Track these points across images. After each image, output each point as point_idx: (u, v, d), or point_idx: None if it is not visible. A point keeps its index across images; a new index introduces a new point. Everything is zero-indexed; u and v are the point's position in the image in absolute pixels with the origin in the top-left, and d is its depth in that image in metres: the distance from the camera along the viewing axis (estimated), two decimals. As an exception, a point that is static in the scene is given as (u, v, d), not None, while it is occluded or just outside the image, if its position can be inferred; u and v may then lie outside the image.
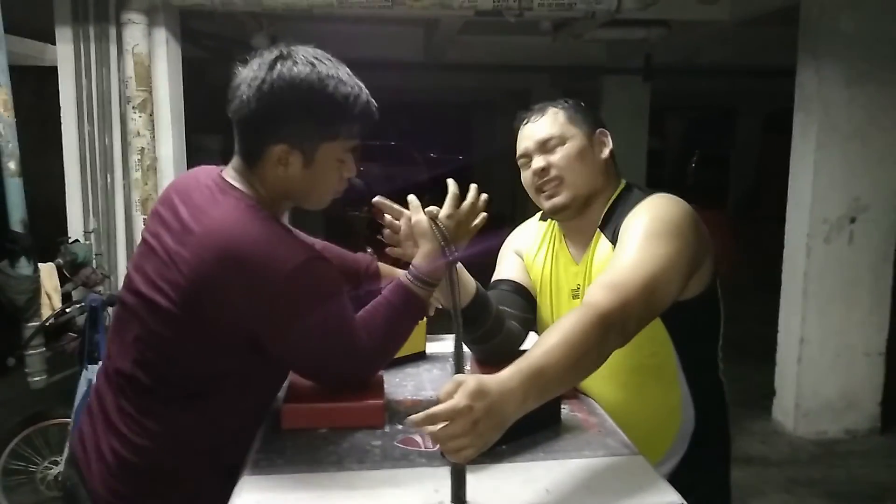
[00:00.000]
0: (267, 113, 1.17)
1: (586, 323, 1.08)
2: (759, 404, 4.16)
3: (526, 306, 1.53)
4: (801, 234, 3.87)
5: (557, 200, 1.42)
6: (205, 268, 1.10)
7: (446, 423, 0.91)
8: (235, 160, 1.24)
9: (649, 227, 1.27)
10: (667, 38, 5.16)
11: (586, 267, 1.43)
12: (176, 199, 1.21)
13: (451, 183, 1.31)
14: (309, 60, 1.18)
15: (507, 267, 1.60)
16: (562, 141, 1.42)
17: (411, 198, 1.29)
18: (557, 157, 1.41)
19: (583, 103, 1.49)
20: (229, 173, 1.24)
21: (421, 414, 0.91)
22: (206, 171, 1.25)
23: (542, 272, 1.54)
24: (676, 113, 13.19)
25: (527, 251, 1.59)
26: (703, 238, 1.32)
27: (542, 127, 1.44)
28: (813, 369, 3.90)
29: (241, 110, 1.19)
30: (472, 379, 0.93)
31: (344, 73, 1.20)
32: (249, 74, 1.19)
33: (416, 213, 1.27)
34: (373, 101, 1.24)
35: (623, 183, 1.47)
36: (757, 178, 10.90)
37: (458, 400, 0.91)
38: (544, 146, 1.42)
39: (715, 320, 1.44)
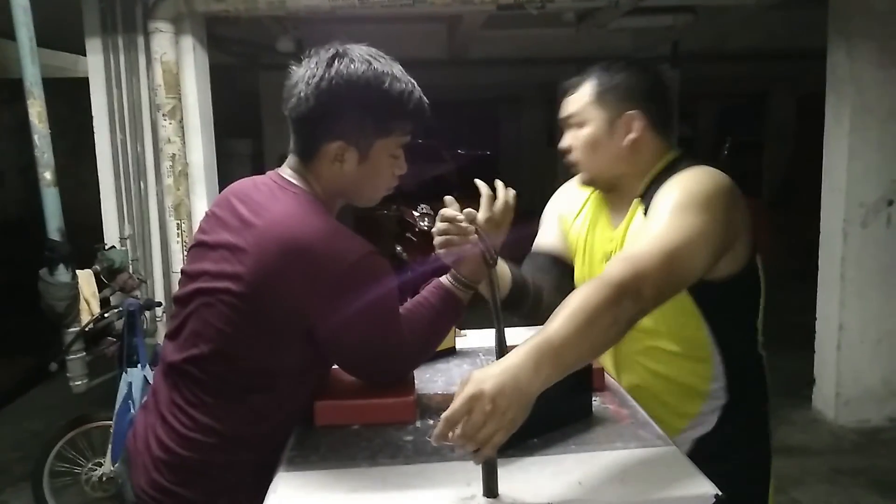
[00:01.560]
0: (325, 110, 1.20)
1: (594, 292, 1.07)
2: (798, 393, 4.08)
3: (563, 277, 1.55)
4: (837, 218, 3.79)
5: (580, 178, 1.47)
6: (268, 257, 1.13)
7: (466, 419, 0.92)
8: (291, 159, 1.28)
9: (678, 199, 1.24)
10: (693, 24, 5.08)
11: (622, 233, 1.41)
12: (233, 200, 1.24)
13: (481, 185, 1.33)
14: (365, 58, 1.21)
15: (547, 235, 1.62)
16: (579, 123, 1.41)
17: (448, 199, 1.30)
18: (575, 141, 1.42)
19: (629, 73, 1.39)
20: (286, 172, 1.27)
21: (439, 425, 0.93)
22: (263, 176, 1.30)
23: (578, 235, 1.54)
24: (707, 100, 12.98)
25: (567, 213, 1.60)
26: (741, 215, 1.29)
27: (570, 103, 1.43)
28: (853, 356, 3.82)
29: (298, 108, 1.21)
30: (475, 371, 0.95)
31: (398, 69, 1.24)
32: (307, 73, 1.20)
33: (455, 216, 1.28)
34: (425, 98, 1.27)
35: (672, 154, 1.42)
36: (792, 164, 10.68)
37: (467, 390, 0.93)
38: (568, 124, 1.44)
39: (752, 300, 1.42)
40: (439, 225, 1.28)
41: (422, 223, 1.36)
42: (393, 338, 1.22)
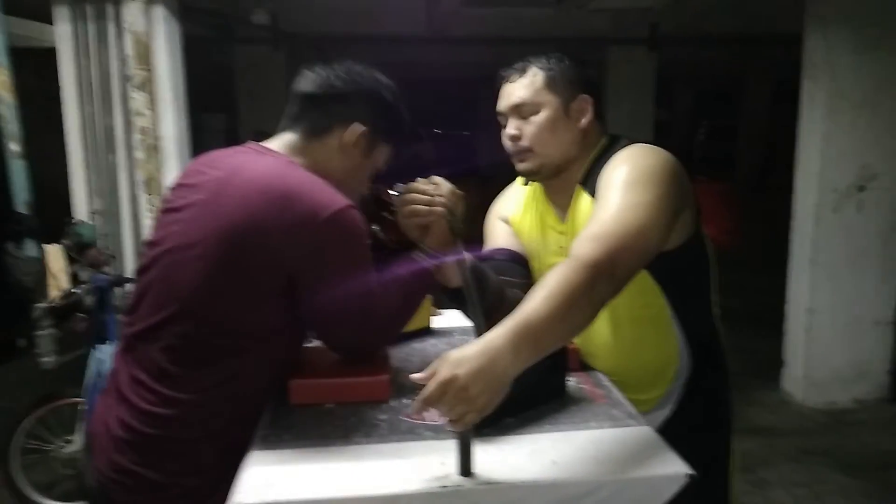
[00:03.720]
0: (362, 94, 1.30)
1: (571, 273, 1.07)
2: (767, 375, 4.16)
3: (525, 272, 1.53)
4: (809, 203, 3.83)
5: (525, 166, 1.43)
6: (250, 207, 1.14)
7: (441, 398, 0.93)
8: (286, 135, 1.30)
9: (629, 175, 1.26)
10: (673, 6, 5.08)
11: (570, 225, 1.42)
12: (205, 168, 1.26)
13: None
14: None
15: (497, 236, 1.59)
16: (535, 109, 1.39)
17: (419, 179, 1.33)
18: (529, 126, 1.40)
19: (568, 62, 1.42)
20: (272, 143, 1.30)
21: (415, 403, 0.94)
22: (238, 146, 1.32)
23: (530, 236, 1.54)
24: (683, 84, 13.05)
25: (512, 216, 1.59)
26: (684, 185, 1.31)
27: (518, 90, 1.41)
28: (822, 339, 3.89)
29: (329, 81, 1.29)
30: (453, 351, 0.95)
31: None
32: (340, 64, 1.31)
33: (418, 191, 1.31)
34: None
35: (605, 139, 1.44)
36: (766, 149, 10.80)
37: (441, 373, 0.93)
38: (518, 111, 1.41)
39: (703, 268, 1.44)
40: (405, 197, 1.30)
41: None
42: (367, 297, 1.22)
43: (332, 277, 1.17)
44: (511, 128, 1.42)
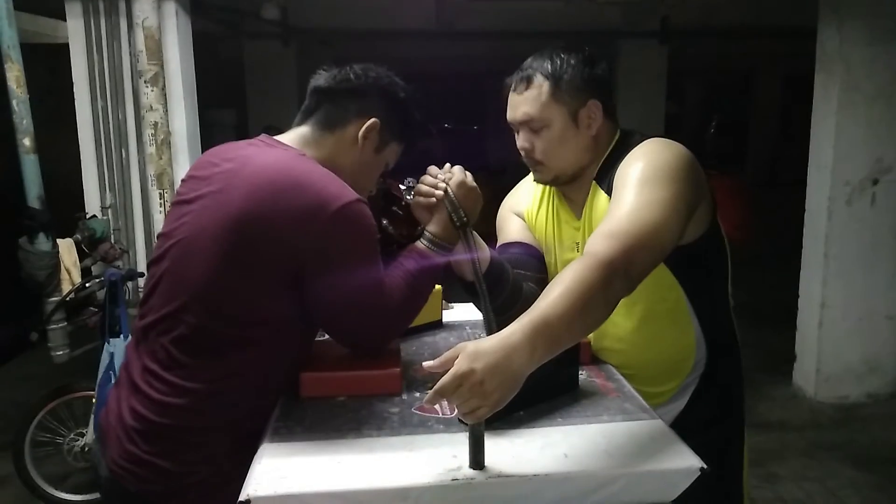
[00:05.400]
0: (377, 90, 1.32)
1: (587, 271, 1.07)
2: (779, 370, 4.14)
3: (540, 266, 1.52)
4: (822, 196, 3.80)
5: (540, 178, 1.45)
6: (258, 196, 1.15)
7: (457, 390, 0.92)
8: (300, 129, 1.32)
9: (644, 172, 1.25)
10: (684, -1, 5.04)
11: (586, 221, 1.42)
12: (214, 160, 1.26)
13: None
14: None
15: (512, 230, 1.58)
16: (543, 124, 1.36)
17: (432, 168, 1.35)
18: (539, 141, 1.38)
19: (575, 61, 1.35)
20: (284, 138, 1.31)
21: (430, 393, 0.94)
22: (248, 140, 1.32)
23: (545, 231, 1.53)
24: (694, 77, 12.97)
25: (526, 211, 1.58)
26: (700, 180, 1.30)
27: (525, 104, 1.36)
28: (834, 333, 3.86)
29: (348, 78, 1.31)
30: (470, 344, 0.95)
31: None
32: (361, 64, 1.34)
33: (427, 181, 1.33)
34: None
35: (618, 134, 1.42)
36: (778, 143, 10.73)
37: (458, 366, 0.92)
38: (527, 125, 1.38)
39: (719, 261, 1.44)
40: (422, 178, 1.33)
41: (408, 196, 1.35)
42: (375, 291, 1.22)
43: (339, 270, 1.17)
44: (522, 141, 1.40)
